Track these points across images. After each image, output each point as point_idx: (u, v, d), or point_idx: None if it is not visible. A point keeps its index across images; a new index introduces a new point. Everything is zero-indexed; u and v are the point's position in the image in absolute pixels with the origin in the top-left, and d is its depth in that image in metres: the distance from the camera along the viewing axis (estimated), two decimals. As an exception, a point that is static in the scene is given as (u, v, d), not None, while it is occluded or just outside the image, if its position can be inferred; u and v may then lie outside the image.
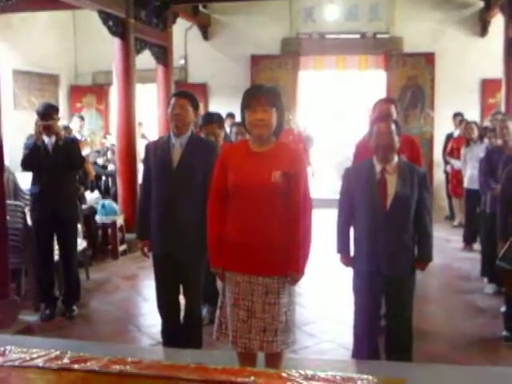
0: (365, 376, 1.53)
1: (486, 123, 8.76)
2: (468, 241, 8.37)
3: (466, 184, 8.24)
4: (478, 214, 7.54)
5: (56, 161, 5.58)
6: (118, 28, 8.14)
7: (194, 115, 4.30)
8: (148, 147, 4.45)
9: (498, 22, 9.97)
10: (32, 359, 1.66)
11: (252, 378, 1.52)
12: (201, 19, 11.65)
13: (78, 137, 9.09)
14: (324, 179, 12.57)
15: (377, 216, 3.87)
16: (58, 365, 1.64)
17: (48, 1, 8.60)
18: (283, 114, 3.38)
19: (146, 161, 4.40)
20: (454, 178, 9.56)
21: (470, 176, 7.98)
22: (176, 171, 4.16)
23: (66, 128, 7.66)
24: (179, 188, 4.14)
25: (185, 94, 4.35)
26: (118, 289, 6.66)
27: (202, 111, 6.81)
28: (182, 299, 4.43)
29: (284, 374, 1.55)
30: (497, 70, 9.73)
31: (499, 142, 6.51)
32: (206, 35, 12.06)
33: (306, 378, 1.53)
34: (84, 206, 7.64)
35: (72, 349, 1.83)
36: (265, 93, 3.27)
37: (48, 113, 5.59)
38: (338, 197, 4.21)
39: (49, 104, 5.91)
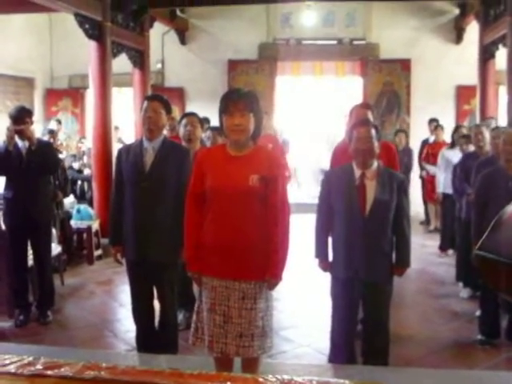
0: (341, 380, 1.52)
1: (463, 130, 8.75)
2: (443, 247, 8.42)
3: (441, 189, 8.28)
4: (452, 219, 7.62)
5: (29, 165, 5.49)
6: (94, 31, 8.09)
7: (167, 119, 4.30)
8: (120, 152, 4.44)
9: (472, 29, 10.11)
10: (4, 365, 1.63)
11: (228, 383, 1.51)
12: (178, 23, 11.64)
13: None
14: (302, 184, 12.61)
15: (355, 221, 3.88)
16: (30, 371, 1.60)
17: (24, 3, 8.50)
18: (261, 118, 3.38)
19: (117, 165, 4.36)
20: (429, 183, 9.66)
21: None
22: (148, 175, 4.15)
23: (51, 132, 7.56)
24: (152, 192, 4.12)
25: (157, 98, 4.35)
26: (94, 294, 6.60)
27: (178, 116, 6.78)
28: (157, 304, 4.41)
29: (260, 379, 1.53)
30: (472, 77, 9.86)
31: (471, 148, 6.58)
32: (183, 40, 12.04)
33: (283, 382, 1.52)
34: (60, 211, 7.57)
35: (46, 355, 1.79)
36: (242, 97, 3.26)
37: (21, 117, 5.49)
38: (316, 201, 4.22)
39: (22, 107, 5.80)
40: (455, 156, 7.80)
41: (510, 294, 1.94)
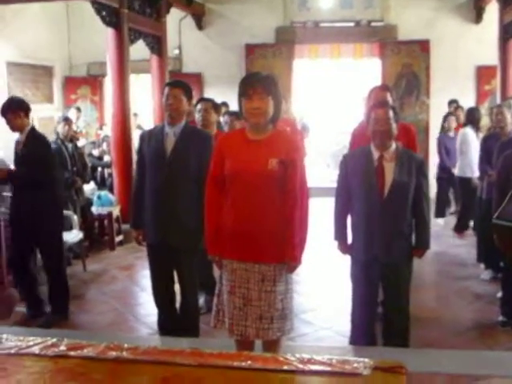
0: (361, 359, 1.53)
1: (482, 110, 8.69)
2: (459, 229, 8.41)
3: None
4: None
5: (21, 159, 5.21)
6: (111, 18, 8.08)
7: (188, 104, 4.31)
8: (142, 136, 4.47)
9: (492, 8, 9.95)
10: (28, 347, 1.66)
11: (249, 362, 1.53)
12: (195, 9, 11.59)
13: (74, 128, 9.09)
14: (321, 168, 12.58)
15: (374, 203, 3.87)
16: (54, 352, 1.64)
17: (41, -8, 8.56)
18: (280, 101, 3.37)
19: (139, 150, 4.40)
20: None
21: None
22: (169, 160, 4.17)
23: (66, 119, 7.60)
24: (172, 176, 4.14)
25: (178, 84, 4.35)
26: (115, 279, 6.67)
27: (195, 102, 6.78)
28: (177, 288, 4.44)
29: (280, 358, 1.55)
30: (492, 57, 9.73)
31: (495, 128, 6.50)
32: (200, 25, 12.00)
33: (303, 361, 1.54)
34: (81, 198, 7.64)
35: (70, 338, 1.82)
36: (261, 81, 3.26)
37: (5, 108, 5.19)
38: (334, 185, 4.21)
39: (10, 98, 5.50)
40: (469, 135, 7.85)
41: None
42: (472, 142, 7.80)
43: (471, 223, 8.22)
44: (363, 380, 1.47)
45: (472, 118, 8.02)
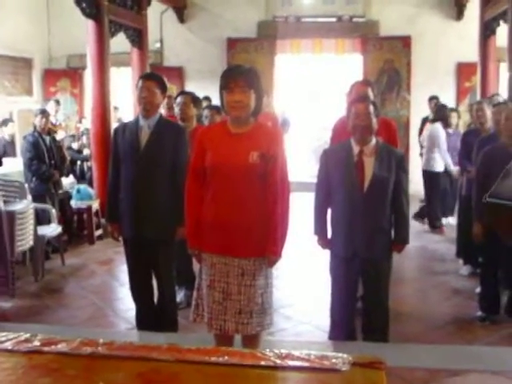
0: (340, 354, 1.52)
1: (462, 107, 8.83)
2: (433, 225, 8.50)
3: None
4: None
5: None
6: (91, 10, 8.00)
7: (162, 97, 4.29)
8: (116, 130, 4.46)
9: (473, 5, 10.01)
10: (0, 342, 1.63)
11: (226, 357, 1.51)
12: (176, 1, 11.54)
13: (53, 121, 9.00)
14: (301, 162, 12.58)
15: (354, 198, 3.87)
16: (27, 347, 1.61)
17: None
18: (262, 95, 3.35)
19: (114, 143, 4.35)
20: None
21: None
22: (143, 152, 4.15)
23: (43, 112, 7.51)
24: (146, 169, 4.14)
25: (152, 76, 4.33)
26: (94, 274, 6.61)
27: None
28: (155, 283, 4.42)
29: (258, 354, 1.54)
30: (472, 54, 9.79)
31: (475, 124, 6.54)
32: (181, 18, 11.94)
33: (281, 356, 1.52)
34: (59, 191, 7.57)
35: (46, 333, 1.79)
36: (243, 74, 3.24)
37: None
38: (315, 180, 4.20)
39: None
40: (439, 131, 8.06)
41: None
42: (440, 138, 8.05)
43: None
44: (342, 376, 1.46)
45: (441, 114, 8.29)
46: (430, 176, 8.33)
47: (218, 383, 1.46)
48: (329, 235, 4.10)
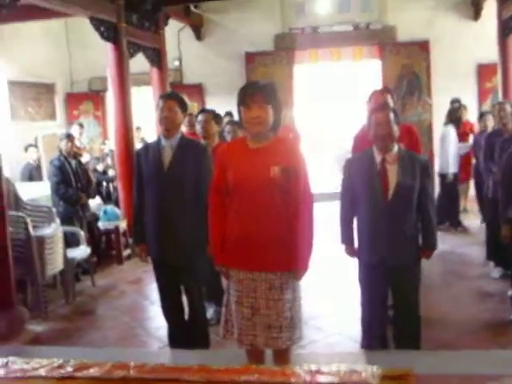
0: (369, 367, 1.52)
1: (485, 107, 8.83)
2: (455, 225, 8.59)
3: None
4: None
5: None
6: (109, 33, 8.11)
7: (183, 116, 4.32)
8: (138, 152, 4.49)
9: (490, 4, 9.92)
10: (34, 369, 1.66)
11: (256, 375, 1.52)
12: (193, 19, 11.62)
13: (78, 144, 9.11)
14: (324, 172, 12.56)
15: (379, 206, 3.86)
16: (60, 373, 1.63)
17: (39, 10, 8.57)
18: (280, 109, 3.36)
19: (137, 166, 4.37)
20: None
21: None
22: (167, 173, 4.17)
23: (69, 136, 7.62)
24: (171, 190, 4.15)
25: (172, 96, 4.36)
26: (124, 294, 6.66)
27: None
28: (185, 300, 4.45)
29: (288, 371, 1.54)
30: (492, 54, 9.69)
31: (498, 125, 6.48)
32: (198, 35, 12.03)
33: (311, 372, 1.53)
34: (87, 213, 7.65)
35: (80, 356, 1.82)
36: (260, 90, 3.26)
37: None
38: (339, 190, 4.21)
39: None
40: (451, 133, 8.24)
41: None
42: (452, 140, 8.28)
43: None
44: (372, 389, 1.46)
45: (453, 116, 8.47)
46: (442, 178, 8.49)
47: (249, 402, 1.47)
48: (356, 244, 4.10)
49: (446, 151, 8.26)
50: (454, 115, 8.33)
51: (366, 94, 5.22)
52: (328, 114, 14.22)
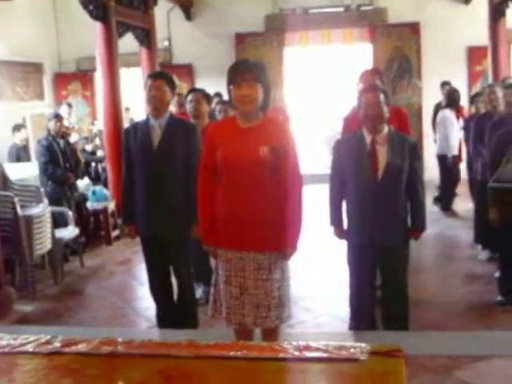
0: (358, 344, 1.52)
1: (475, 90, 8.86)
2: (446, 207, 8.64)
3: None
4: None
5: None
6: (98, 12, 8.01)
7: (172, 95, 4.29)
8: (127, 131, 4.46)
9: (481, -12, 9.90)
10: (22, 345, 1.65)
11: (244, 351, 1.52)
12: (182, -1, 11.53)
13: (67, 124, 9.04)
14: (314, 154, 12.56)
15: (368, 187, 3.87)
16: (48, 349, 1.62)
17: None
18: (269, 89, 3.34)
19: (125, 144, 4.34)
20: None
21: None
22: (157, 152, 4.16)
23: (57, 116, 7.55)
24: (161, 169, 4.14)
25: (160, 75, 4.33)
26: (113, 274, 6.65)
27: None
28: (174, 280, 4.44)
29: (276, 346, 1.54)
30: (483, 37, 9.71)
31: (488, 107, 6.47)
32: (188, 15, 11.93)
33: (299, 348, 1.52)
34: (75, 194, 7.61)
35: (69, 335, 1.81)
36: (249, 68, 3.24)
37: None
38: (328, 172, 4.20)
39: None
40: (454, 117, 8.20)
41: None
42: (450, 122, 8.24)
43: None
44: (360, 365, 1.46)
45: (451, 99, 8.39)
46: (442, 160, 8.47)
47: (238, 377, 1.47)
48: (345, 225, 4.10)
49: (447, 134, 8.26)
50: (452, 98, 8.33)
51: (356, 75, 5.21)
52: (318, 96, 14.19)
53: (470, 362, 3.73)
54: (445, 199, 8.69)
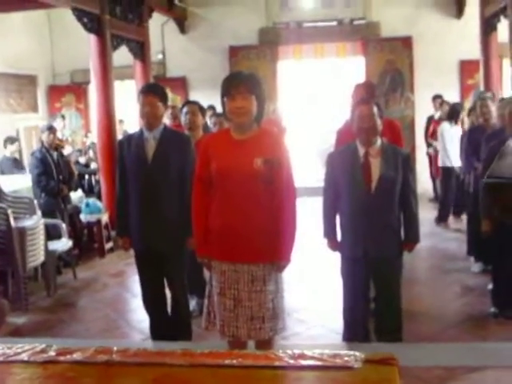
0: (351, 352, 1.53)
1: (467, 104, 8.94)
2: (441, 218, 8.73)
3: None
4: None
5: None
6: (93, 25, 8.05)
7: (164, 108, 4.31)
8: (121, 143, 4.45)
9: (473, 2, 10.00)
10: (16, 354, 1.64)
11: (239, 359, 1.52)
12: (177, 13, 11.58)
13: (60, 136, 9.04)
14: (308, 167, 12.58)
15: (361, 199, 3.88)
16: (43, 358, 1.62)
17: (21, 1, 8.50)
18: (264, 100, 3.35)
19: (120, 156, 4.35)
20: (437, 159, 9.64)
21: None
22: (151, 165, 4.16)
23: (50, 128, 7.55)
24: (155, 181, 4.14)
25: (152, 89, 4.30)
26: (107, 286, 6.63)
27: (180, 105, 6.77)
28: (168, 293, 4.43)
29: (271, 355, 1.55)
30: (474, 51, 9.79)
31: (480, 120, 6.52)
32: (182, 29, 11.99)
33: (294, 357, 1.53)
34: (68, 206, 7.60)
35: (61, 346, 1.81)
36: (243, 80, 3.25)
37: None
38: (322, 185, 4.21)
39: None
40: (454, 130, 8.26)
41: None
42: (448, 135, 8.37)
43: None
44: (355, 373, 1.47)
45: (451, 113, 8.53)
46: (443, 171, 8.67)
47: (233, 385, 1.48)
48: (338, 238, 4.11)
49: (446, 147, 8.44)
50: (452, 111, 8.47)
51: (349, 88, 5.25)
52: (312, 109, 14.24)
53: (465, 373, 3.74)
54: (442, 211, 8.78)
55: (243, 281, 3.26)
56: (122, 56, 9.04)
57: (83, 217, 7.92)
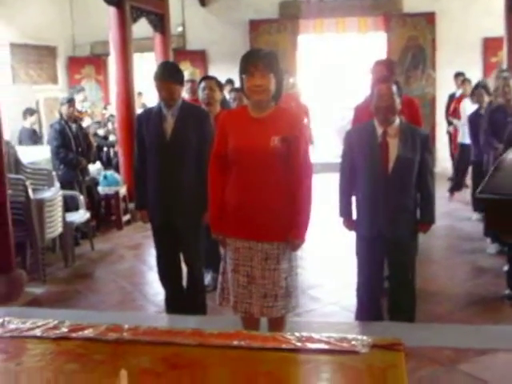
0: (359, 336, 1.54)
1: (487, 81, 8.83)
2: (452, 190, 8.74)
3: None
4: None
5: None
6: (113, -4, 8.02)
7: (181, 87, 4.33)
8: (139, 118, 4.47)
9: (499, -22, 9.79)
10: (30, 329, 1.68)
11: (247, 341, 1.54)
12: (197, -15, 11.50)
13: (79, 108, 9.08)
14: (326, 143, 12.53)
15: (378, 179, 3.86)
16: (55, 334, 1.66)
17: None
18: (282, 78, 3.35)
19: (138, 131, 4.36)
20: (457, 138, 9.56)
21: None
22: (170, 142, 4.17)
23: (70, 100, 7.57)
24: (174, 158, 4.16)
25: (168, 76, 4.23)
26: (123, 259, 6.70)
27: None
28: (184, 267, 4.47)
29: (279, 337, 1.56)
30: (498, 28, 9.61)
31: (500, 100, 6.43)
32: (203, 1, 11.91)
33: (301, 339, 1.55)
34: (87, 178, 7.66)
35: (78, 319, 1.85)
36: (262, 58, 3.23)
37: None
38: (339, 160, 4.20)
39: None
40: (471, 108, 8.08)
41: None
42: (463, 112, 8.53)
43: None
44: (361, 358, 1.48)
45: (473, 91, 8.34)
46: (461, 147, 8.65)
47: (240, 366, 1.49)
48: (354, 217, 4.11)
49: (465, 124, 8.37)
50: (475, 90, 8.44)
51: (370, 65, 5.19)
52: (331, 85, 14.13)
53: (475, 356, 3.74)
54: (456, 181, 8.81)
55: (257, 258, 3.28)
56: (141, 28, 9.01)
57: (101, 189, 7.98)
